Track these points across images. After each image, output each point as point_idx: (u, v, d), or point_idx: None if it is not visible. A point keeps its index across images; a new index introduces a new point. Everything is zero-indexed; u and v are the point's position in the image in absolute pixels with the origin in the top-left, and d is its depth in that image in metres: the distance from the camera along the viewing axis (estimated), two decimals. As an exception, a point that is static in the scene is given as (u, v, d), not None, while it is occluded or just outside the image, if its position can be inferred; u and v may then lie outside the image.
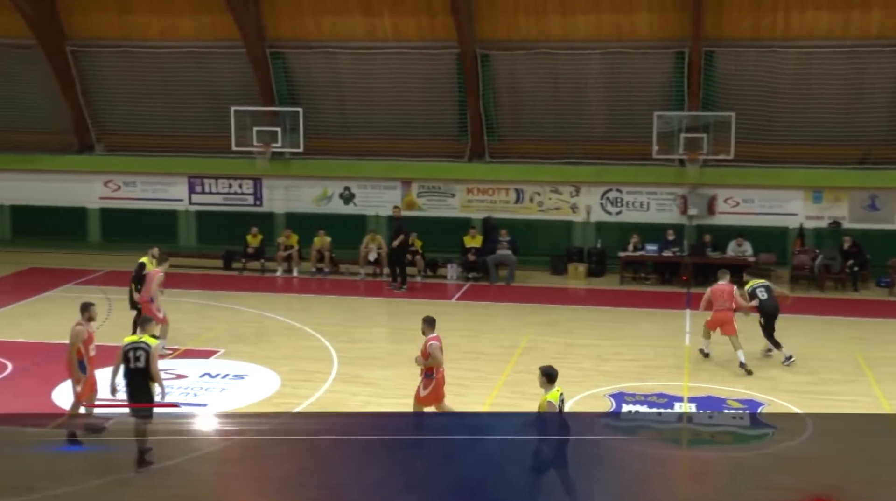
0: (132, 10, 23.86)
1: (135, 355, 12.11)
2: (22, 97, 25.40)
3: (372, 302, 21.17)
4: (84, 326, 12.92)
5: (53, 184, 25.64)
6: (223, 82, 24.47)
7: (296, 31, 23.65)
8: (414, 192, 24.65)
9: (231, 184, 25.28)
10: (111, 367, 12.49)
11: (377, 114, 24.32)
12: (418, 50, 23.42)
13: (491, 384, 15.50)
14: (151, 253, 17.90)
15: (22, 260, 24.37)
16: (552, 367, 11.12)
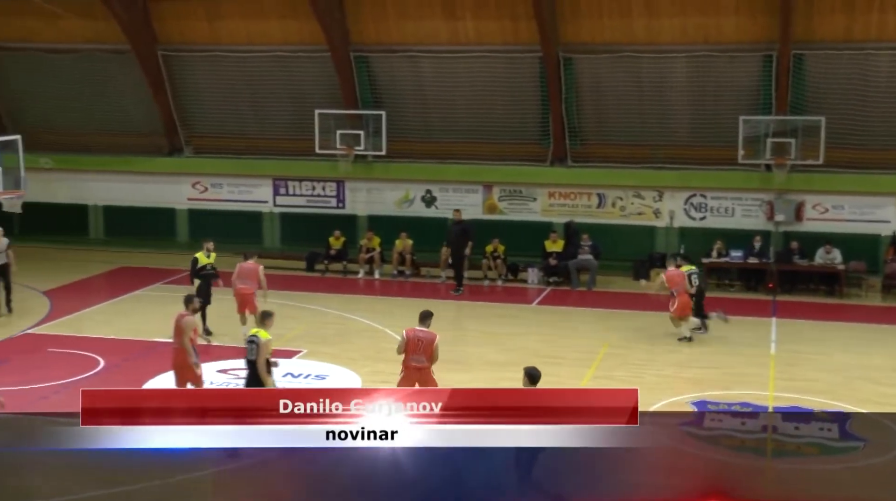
0: (221, 15, 24.32)
1: (248, 348, 12.82)
2: (116, 100, 26.11)
3: (452, 305, 21.22)
4: (192, 317, 13.73)
5: (144, 186, 26.28)
6: (308, 86, 24.81)
7: (380, 36, 23.85)
8: (495, 196, 24.65)
9: (314, 187, 25.60)
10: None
11: (459, 118, 24.39)
12: (501, 54, 23.42)
13: (571, 389, 15.40)
14: (207, 248, 18.53)
15: (113, 259, 25.02)
16: (535, 368, 11.51)
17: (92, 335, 18.31)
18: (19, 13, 24.87)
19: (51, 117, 26.58)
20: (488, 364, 16.96)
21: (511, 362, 17.03)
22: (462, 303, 21.37)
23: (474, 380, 15.66)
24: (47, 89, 26.20)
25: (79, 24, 24.78)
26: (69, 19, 24.62)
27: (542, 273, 23.06)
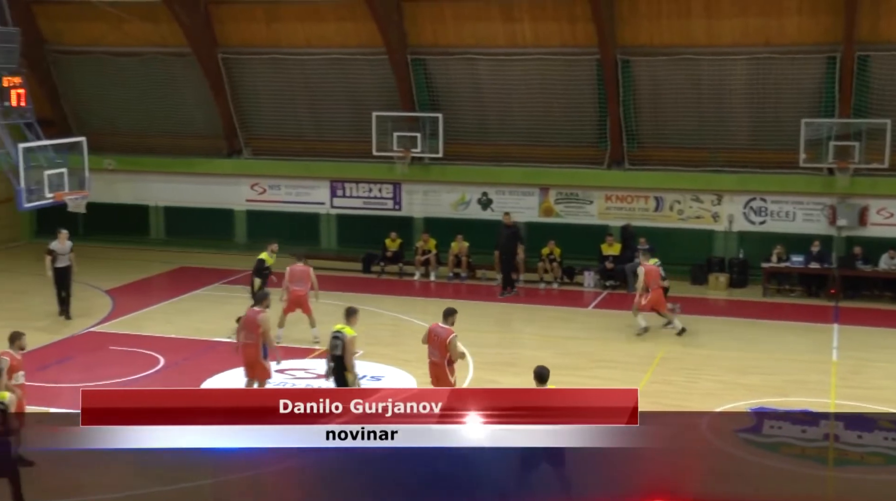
0: (280, 18, 24.57)
1: (334, 344, 13.13)
2: (178, 103, 26.49)
3: (508, 308, 21.20)
4: (268, 314, 14.28)
5: (204, 187, 26.62)
6: (365, 88, 24.95)
7: (437, 38, 23.91)
8: (551, 199, 24.58)
9: (371, 189, 25.74)
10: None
11: (516, 120, 24.36)
12: (558, 56, 23.34)
13: (627, 394, 15.29)
14: (271, 249, 18.91)
15: (174, 259, 25.39)
16: (544, 367, 11.57)
17: (152, 334, 18.61)
18: (86, 18, 25.36)
19: (114, 119, 27.05)
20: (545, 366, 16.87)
21: (567, 365, 17.00)
22: (517, 306, 21.34)
23: (528, 383, 15.58)
24: (111, 92, 26.67)
25: (143, 27, 25.20)
26: (134, 23, 25.05)
27: (598, 276, 22.94)
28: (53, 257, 19.18)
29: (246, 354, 14.11)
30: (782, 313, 20.80)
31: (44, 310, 19.62)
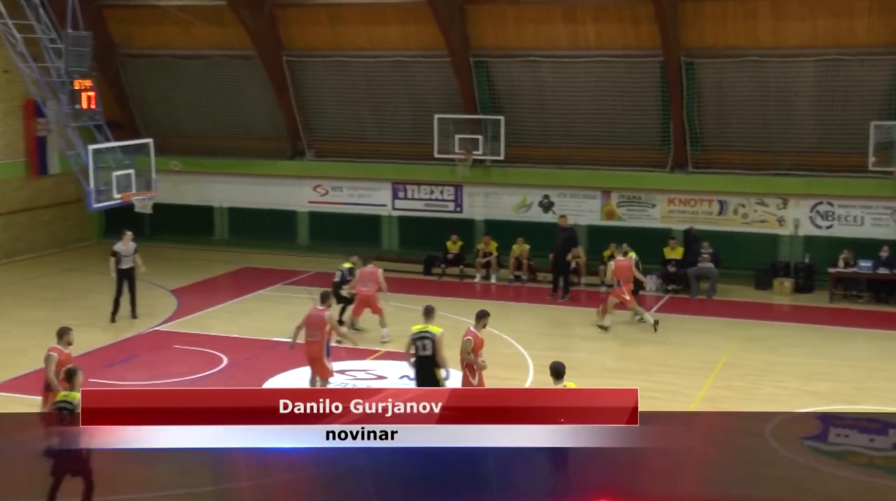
0: (344, 20, 24.75)
1: (422, 344, 13.34)
2: (243, 105, 26.83)
3: (569, 311, 21.11)
4: (332, 312, 14.84)
5: (267, 188, 26.92)
6: (427, 90, 25.03)
7: (499, 41, 23.90)
8: (613, 202, 24.42)
9: (433, 191, 25.81)
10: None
11: (578, 123, 24.25)
12: (621, 58, 23.19)
13: (688, 400, 15.17)
14: (352, 261, 19.26)
15: (237, 259, 25.71)
16: (560, 362, 11.75)
17: (216, 333, 18.86)
18: (155, 22, 25.81)
19: (180, 121, 27.49)
20: (604, 371, 16.82)
21: (627, 370, 16.90)
22: (577, 309, 21.23)
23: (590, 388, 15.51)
24: (178, 95, 27.11)
25: (209, 31, 25.57)
26: (201, 27, 25.43)
27: (660, 280, 22.74)
28: (118, 259, 19.32)
29: (310, 351, 14.42)
30: (849, 319, 20.42)
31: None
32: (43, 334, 18.41)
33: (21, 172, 25.59)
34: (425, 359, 13.32)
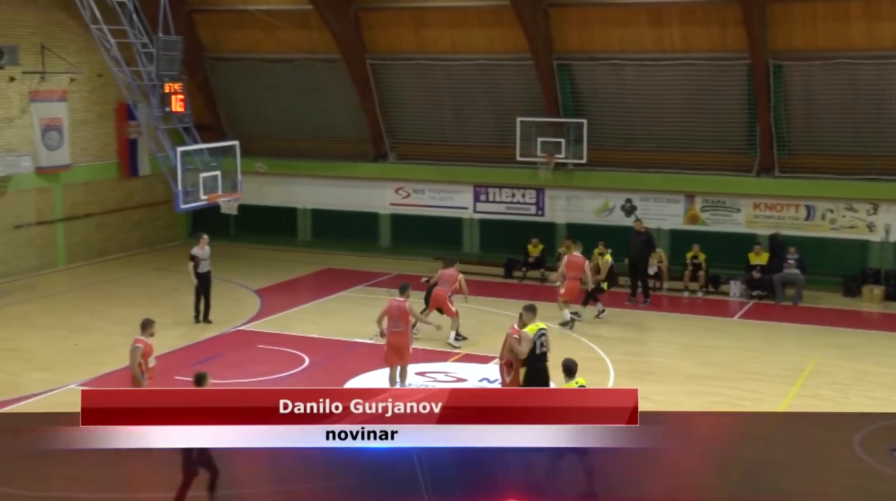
0: (427, 24, 24.89)
1: (541, 341, 13.68)
2: (326, 108, 27.16)
3: (649, 316, 20.88)
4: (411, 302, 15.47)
5: (350, 190, 27.19)
6: (510, 94, 25.01)
7: (583, 44, 23.77)
8: (697, 206, 24.09)
9: (514, 194, 25.78)
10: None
11: (662, 126, 23.99)
12: (707, 61, 22.87)
13: (773, 408, 14.88)
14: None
15: (319, 260, 26.01)
16: (572, 360, 12.09)
17: (298, 333, 19.10)
18: (243, 26, 26.30)
19: (266, 124, 27.94)
20: (686, 377, 16.60)
21: (711, 376, 16.65)
22: (659, 314, 21.00)
23: (670, 393, 15.36)
24: (264, 97, 27.56)
25: (295, 35, 25.96)
26: (287, 31, 25.84)
27: (744, 286, 22.35)
28: (196, 263, 19.36)
29: (395, 341, 15.03)
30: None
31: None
32: (132, 332, 18.94)
33: (114, 174, 26.30)
34: (542, 356, 13.63)
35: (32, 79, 23.56)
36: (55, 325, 19.77)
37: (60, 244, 24.95)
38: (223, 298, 21.23)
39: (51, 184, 24.48)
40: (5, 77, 22.88)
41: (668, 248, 23.54)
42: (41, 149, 23.88)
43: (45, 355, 17.77)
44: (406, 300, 15.26)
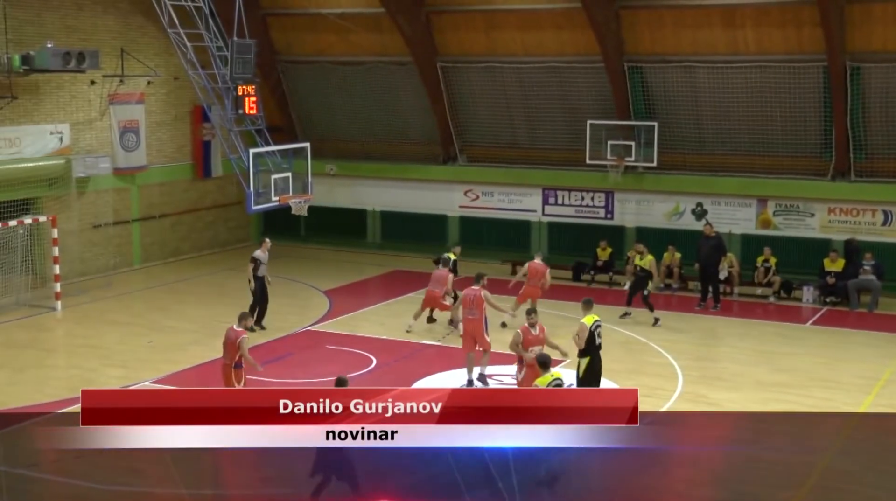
0: (498, 26, 24.89)
1: (598, 332, 14.09)
2: (397, 110, 27.32)
3: (720, 321, 20.61)
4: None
5: (419, 192, 27.30)
6: (580, 96, 24.90)
7: (655, 46, 23.56)
8: (770, 211, 23.71)
9: (583, 197, 25.65)
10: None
11: (734, 129, 23.67)
12: (782, 63, 22.49)
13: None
14: (455, 252, 20.52)
15: (388, 262, 26.17)
16: (546, 355, 12.56)
17: (366, 334, 19.24)
18: (316, 29, 26.60)
19: (337, 126, 28.20)
20: (756, 384, 16.36)
21: (783, 383, 16.40)
22: (730, 319, 20.72)
23: (740, 400, 15.15)
24: (335, 100, 27.83)
25: (367, 38, 26.16)
26: (359, 34, 26.06)
27: (818, 292, 21.94)
28: (256, 265, 19.23)
29: (473, 327, 16.05)
30: None
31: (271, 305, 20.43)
32: (204, 331, 19.32)
33: (188, 175, 26.79)
34: (599, 347, 14.08)
35: (112, 82, 24.12)
36: (130, 323, 20.22)
37: (136, 244, 25.50)
38: (293, 298, 21.49)
39: (127, 185, 25.03)
40: (86, 80, 23.46)
41: (740, 253, 23.22)
42: (119, 150, 24.44)
43: (120, 352, 18.19)
44: (481, 288, 16.38)
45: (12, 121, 21.94)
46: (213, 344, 18.44)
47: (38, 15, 22.47)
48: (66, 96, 23.22)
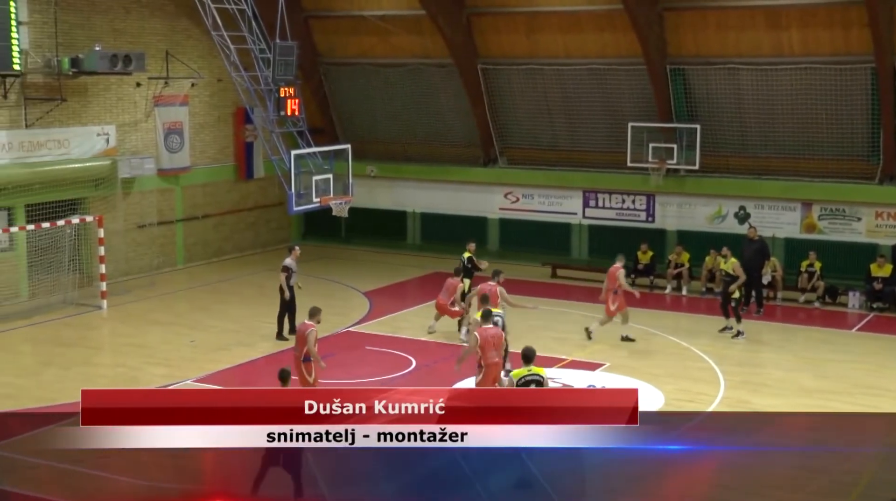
0: (540, 29, 24.83)
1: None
2: (438, 112, 27.34)
3: (763, 326, 20.38)
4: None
5: (459, 194, 27.29)
6: (622, 99, 24.77)
7: (698, 48, 23.38)
8: (815, 214, 23.43)
9: (624, 200, 25.51)
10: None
11: (779, 132, 23.41)
12: (828, 65, 22.22)
13: (893, 424, 14.35)
14: (470, 249, 20.39)
15: (428, 264, 26.17)
16: (531, 348, 12.26)
17: (406, 336, 19.27)
18: (357, 32, 26.70)
19: (377, 128, 28.28)
20: (800, 390, 16.18)
21: (826, 390, 16.20)
22: (772, 324, 20.49)
23: (784, 406, 14.98)
24: (376, 102, 27.91)
25: (408, 40, 26.22)
26: (400, 36, 26.12)
27: (864, 297, 21.63)
28: (289, 274, 18.89)
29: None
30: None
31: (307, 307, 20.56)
32: (243, 330, 19.46)
33: (231, 176, 27.01)
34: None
35: (157, 84, 24.38)
36: (173, 322, 20.42)
37: (179, 244, 25.74)
38: (333, 299, 21.59)
39: (171, 186, 25.28)
40: (132, 83, 23.73)
41: (783, 258, 22.96)
42: (163, 151, 24.70)
43: (163, 351, 18.37)
44: (498, 284, 16.82)
45: (61, 123, 22.25)
46: (254, 344, 18.62)
47: (88, 19, 22.77)
48: (112, 98, 23.51)
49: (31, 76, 21.56)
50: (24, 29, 20.89)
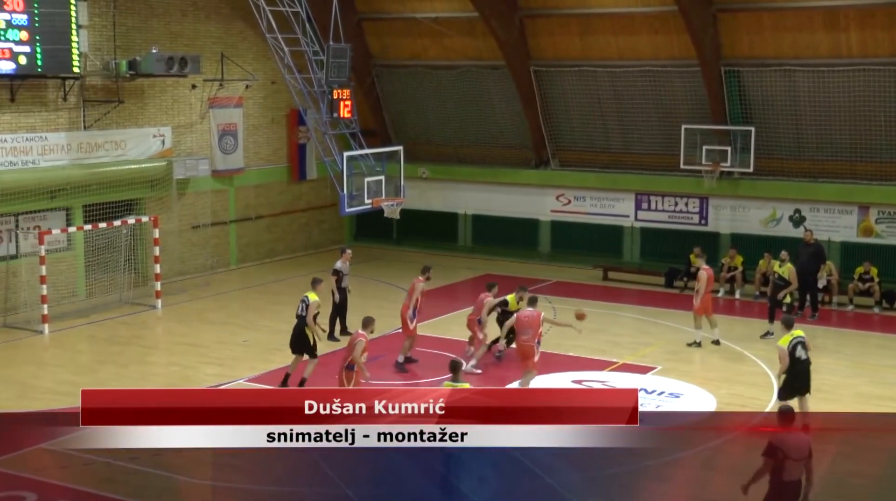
0: (593, 31, 24.73)
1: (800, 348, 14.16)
2: (490, 114, 27.35)
3: (818, 331, 20.04)
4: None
5: (510, 197, 27.29)
6: (675, 101, 24.58)
7: (753, 49, 23.14)
8: (872, 218, 23.06)
9: (677, 203, 25.32)
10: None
11: (835, 135, 23.08)
12: (887, 66, 21.87)
13: (951, 433, 14.07)
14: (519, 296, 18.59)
15: (479, 266, 26.20)
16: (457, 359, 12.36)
17: (456, 337, 19.29)
18: (411, 34, 26.82)
19: (430, 130, 28.37)
20: (857, 396, 15.95)
21: (884, 396, 15.97)
22: (828, 329, 20.19)
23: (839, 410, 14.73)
24: (428, 104, 28.00)
25: (461, 42, 26.28)
26: (453, 38, 26.19)
27: (921, 303, 21.27)
28: (339, 278, 19.06)
29: (525, 350, 15.50)
30: None
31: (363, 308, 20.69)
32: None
33: (284, 177, 27.26)
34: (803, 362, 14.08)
35: (212, 86, 24.70)
36: (227, 322, 20.66)
37: (233, 244, 26.04)
38: (384, 300, 21.66)
39: (225, 187, 25.59)
40: (188, 85, 24.07)
41: (839, 261, 22.63)
42: (217, 153, 25.01)
43: (217, 350, 18.60)
44: (541, 313, 15.71)
45: (118, 125, 22.63)
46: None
47: (145, 22, 23.15)
48: (168, 100, 23.87)
49: (90, 78, 21.97)
50: (83, 32, 21.27)
